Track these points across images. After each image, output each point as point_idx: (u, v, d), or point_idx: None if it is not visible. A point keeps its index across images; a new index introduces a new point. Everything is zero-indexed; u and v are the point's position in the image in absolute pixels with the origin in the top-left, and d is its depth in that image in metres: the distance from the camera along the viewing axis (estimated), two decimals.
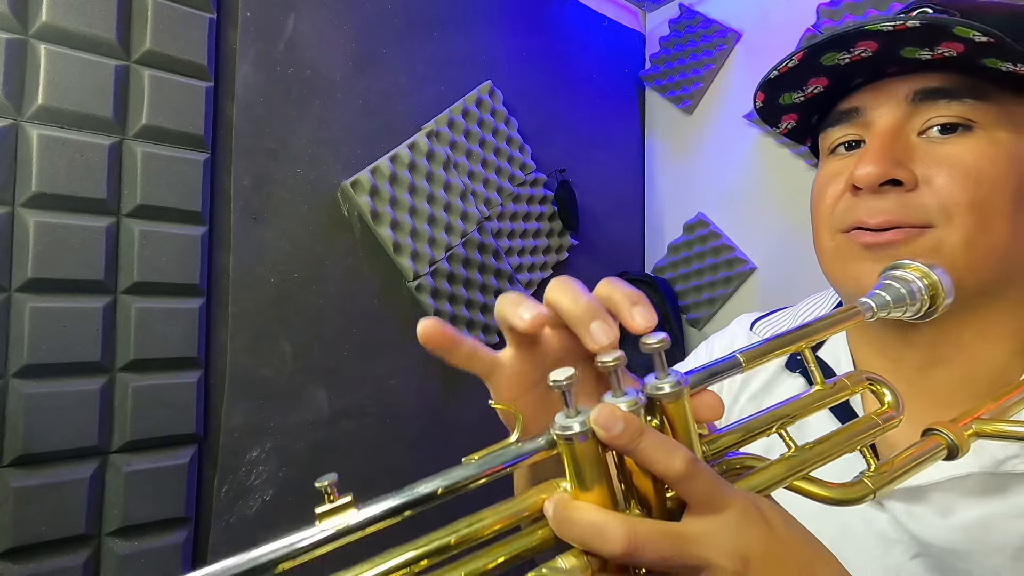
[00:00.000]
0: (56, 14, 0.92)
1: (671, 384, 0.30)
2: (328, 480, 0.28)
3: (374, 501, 0.28)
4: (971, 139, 0.44)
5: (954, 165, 0.44)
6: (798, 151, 1.50)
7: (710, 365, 0.33)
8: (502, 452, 0.30)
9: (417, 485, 0.29)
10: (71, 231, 0.92)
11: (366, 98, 1.27)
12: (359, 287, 1.25)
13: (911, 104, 0.46)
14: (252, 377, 1.10)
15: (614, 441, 0.28)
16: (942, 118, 0.45)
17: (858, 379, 0.38)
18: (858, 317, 0.37)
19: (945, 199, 0.43)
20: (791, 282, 1.53)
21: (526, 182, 1.56)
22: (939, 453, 0.36)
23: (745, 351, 0.34)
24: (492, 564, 0.29)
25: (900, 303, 0.38)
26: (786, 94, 0.53)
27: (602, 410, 0.28)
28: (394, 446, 1.27)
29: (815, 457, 0.34)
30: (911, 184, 0.45)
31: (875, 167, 0.45)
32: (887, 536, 0.48)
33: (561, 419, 0.29)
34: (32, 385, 0.89)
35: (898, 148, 0.45)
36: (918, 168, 0.45)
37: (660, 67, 1.82)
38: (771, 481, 0.33)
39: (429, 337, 0.33)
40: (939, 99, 0.45)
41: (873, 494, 0.34)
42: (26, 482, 0.87)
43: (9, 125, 0.88)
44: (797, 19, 1.50)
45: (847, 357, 0.55)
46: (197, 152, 1.05)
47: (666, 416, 0.31)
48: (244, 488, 1.08)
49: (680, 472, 0.28)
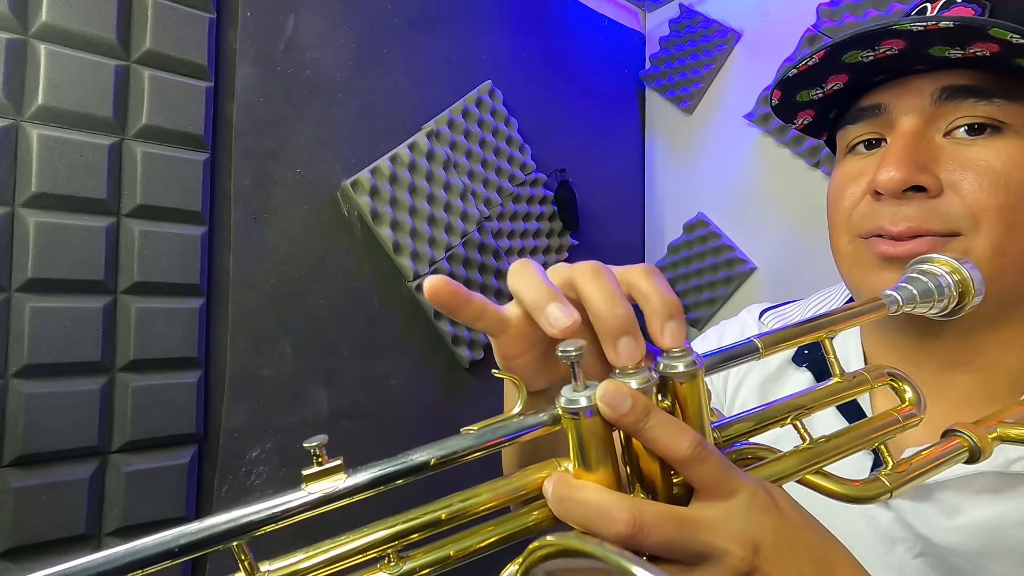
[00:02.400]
0: (56, 14, 0.92)
1: (686, 364, 0.28)
2: (317, 441, 0.26)
3: (365, 468, 0.27)
4: (1000, 142, 0.42)
5: (982, 169, 0.41)
6: (798, 151, 1.50)
7: (727, 348, 0.32)
8: (503, 424, 0.28)
9: (411, 453, 0.28)
10: (71, 231, 0.92)
11: (366, 98, 1.27)
12: (359, 287, 1.25)
13: (937, 102, 0.43)
14: (252, 377, 1.10)
15: (620, 420, 0.27)
16: (969, 118, 0.42)
17: (878, 373, 0.36)
18: (882, 310, 0.35)
19: (972, 205, 0.41)
20: (791, 282, 1.53)
21: (526, 182, 1.56)
22: (960, 455, 0.35)
23: (763, 336, 0.32)
24: (484, 543, 0.28)
25: (927, 298, 0.36)
26: (804, 91, 0.51)
27: (608, 387, 0.27)
28: (394, 446, 1.26)
29: (830, 451, 0.33)
30: (936, 190, 0.42)
31: (898, 172, 0.42)
32: (891, 534, 0.47)
33: (568, 392, 0.27)
34: (32, 385, 0.89)
35: (922, 151, 0.43)
36: (943, 172, 0.43)
37: (660, 67, 1.82)
38: (784, 473, 0.31)
39: (437, 294, 0.31)
40: (967, 98, 0.42)
41: (890, 493, 0.33)
42: (26, 482, 0.87)
43: (9, 125, 0.88)
44: (797, 19, 1.49)
45: (858, 355, 0.54)
46: (197, 152, 1.05)
47: (677, 397, 0.29)
48: (244, 488, 1.08)
49: (687, 455, 0.27)
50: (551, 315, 0.29)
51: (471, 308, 0.32)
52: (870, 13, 1.37)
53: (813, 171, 1.48)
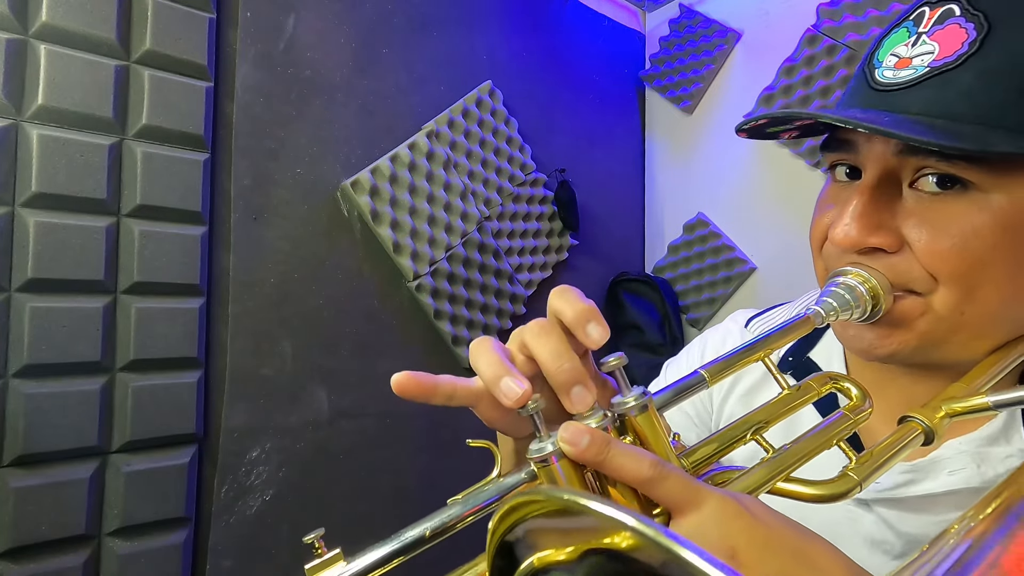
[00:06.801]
0: (56, 14, 0.92)
1: (635, 397, 0.32)
2: (315, 534, 0.29)
3: (363, 553, 0.29)
4: (963, 201, 0.40)
5: (942, 230, 0.40)
6: (798, 151, 1.50)
7: (676, 384, 0.35)
8: (484, 489, 0.32)
9: (406, 531, 0.30)
10: (71, 231, 0.92)
11: (366, 98, 1.27)
12: (359, 287, 1.25)
13: (900, 155, 0.42)
14: (252, 377, 1.10)
15: (583, 456, 0.29)
16: (934, 170, 0.41)
17: (823, 380, 0.41)
18: (809, 324, 0.40)
19: (929, 265, 0.41)
20: (791, 282, 1.53)
21: (526, 182, 1.56)
22: (916, 438, 0.38)
23: (708, 367, 0.36)
24: None
25: (846, 308, 0.41)
26: (773, 128, 0.49)
27: (568, 427, 0.29)
28: (394, 446, 1.27)
29: (793, 457, 0.35)
30: (894, 247, 0.42)
31: (851, 232, 0.42)
32: (872, 536, 0.48)
33: (535, 445, 0.30)
34: (32, 385, 0.89)
35: (883, 206, 0.42)
36: (905, 227, 0.42)
37: (660, 67, 1.82)
38: (753, 486, 0.33)
39: (404, 389, 0.35)
40: (929, 156, 0.40)
41: (859, 486, 0.34)
42: (26, 482, 0.87)
43: (9, 125, 0.88)
44: (797, 19, 1.50)
45: (840, 358, 0.55)
46: (197, 152, 1.05)
47: (636, 431, 0.32)
48: (244, 488, 1.08)
49: (649, 475, 0.29)
50: (504, 389, 0.33)
51: (440, 393, 0.36)
52: (870, 13, 1.37)
53: (813, 171, 1.48)
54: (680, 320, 1.75)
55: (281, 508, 1.11)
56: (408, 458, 1.29)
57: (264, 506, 1.10)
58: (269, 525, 1.09)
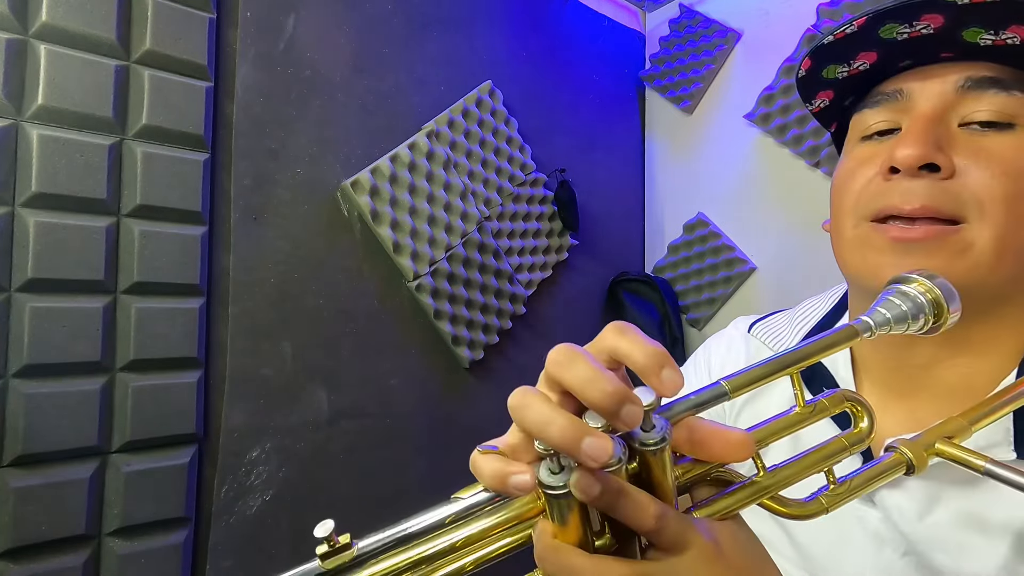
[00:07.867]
0: (56, 14, 0.92)
1: (655, 441, 0.31)
2: (326, 530, 0.30)
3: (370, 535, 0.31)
4: (1011, 137, 0.44)
5: (992, 158, 0.43)
6: (798, 151, 1.50)
7: (695, 394, 0.34)
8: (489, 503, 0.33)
9: (418, 516, 0.33)
10: (71, 231, 0.92)
11: (366, 98, 1.27)
12: (359, 287, 1.25)
13: (960, 91, 0.45)
14: (252, 377, 1.10)
15: (592, 502, 0.31)
16: (987, 112, 0.44)
17: (839, 400, 0.38)
18: (855, 337, 0.36)
19: (980, 191, 0.43)
20: (791, 282, 1.53)
21: (526, 182, 1.56)
22: (898, 469, 0.37)
23: (731, 378, 0.34)
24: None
25: (902, 322, 0.36)
26: (831, 66, 0.52)
27: (581, 478, 0.30)
28: (394, 446, 1.27)
29: (779, 483, 0.35)
30: (948, 171, 0.44)
31: (916, 149, 0.43)
32: (879, 535, 0.48)
33: (545, 476, 0.31)
34: (32, 385, 0.89)
35: (939, 133, 0.45)
36: (956, 157, 0.44)
37: (660, 67, 1.82)
38: (736, 505, 0.34)
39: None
40: (989, 88, 0.44)
41: (826, 511, 0.36)
42: (26, 482, 0.87)
43: (9, 125, 0.88)
44: (797, 19, 1.49)
45: (845, 356, 0.55)
46: (197, 152, 1.05)
47: (646, 463, 0.32)
48: (244, 488, 1.08)
49: (650, 528, 0.31)
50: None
51: None
52: None
53: (813, 171, 1.48)
54: (680, 320, 1.75)
55: (281, 508, 1.11)
56: (408, 458, 1.29)
57: (264, 506, 1.10)
58: (269, 525, 1.09)
